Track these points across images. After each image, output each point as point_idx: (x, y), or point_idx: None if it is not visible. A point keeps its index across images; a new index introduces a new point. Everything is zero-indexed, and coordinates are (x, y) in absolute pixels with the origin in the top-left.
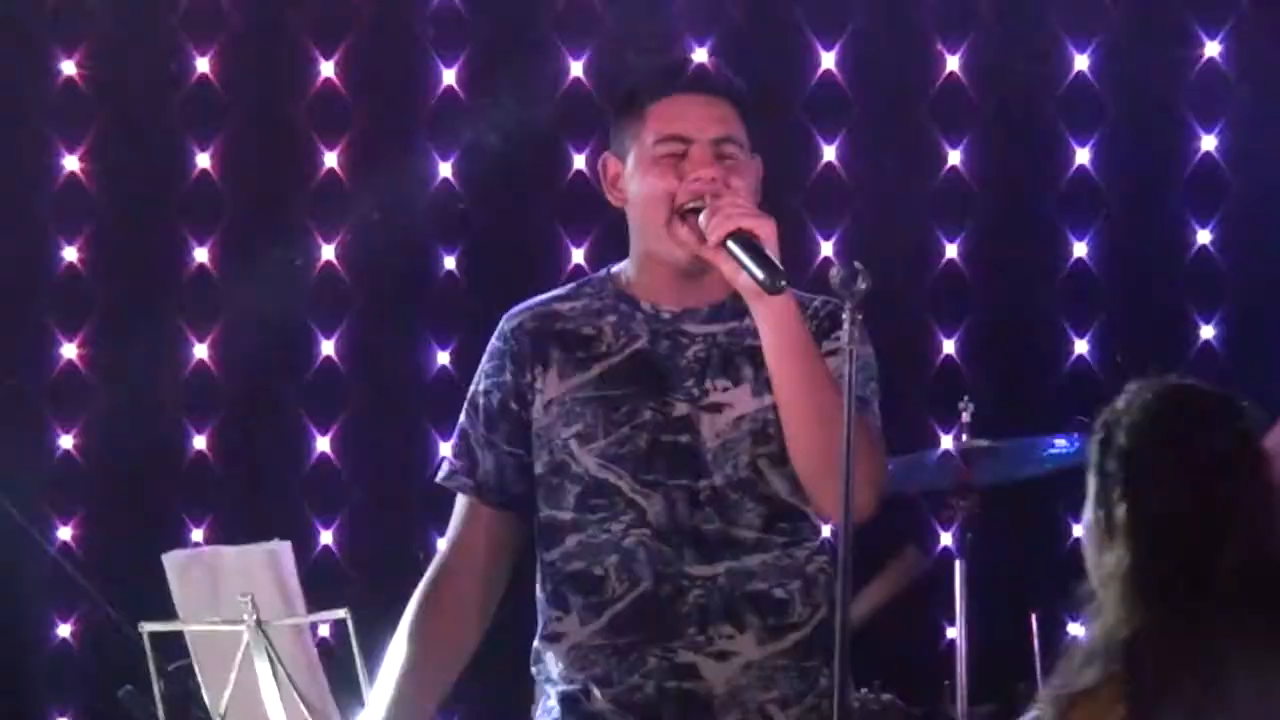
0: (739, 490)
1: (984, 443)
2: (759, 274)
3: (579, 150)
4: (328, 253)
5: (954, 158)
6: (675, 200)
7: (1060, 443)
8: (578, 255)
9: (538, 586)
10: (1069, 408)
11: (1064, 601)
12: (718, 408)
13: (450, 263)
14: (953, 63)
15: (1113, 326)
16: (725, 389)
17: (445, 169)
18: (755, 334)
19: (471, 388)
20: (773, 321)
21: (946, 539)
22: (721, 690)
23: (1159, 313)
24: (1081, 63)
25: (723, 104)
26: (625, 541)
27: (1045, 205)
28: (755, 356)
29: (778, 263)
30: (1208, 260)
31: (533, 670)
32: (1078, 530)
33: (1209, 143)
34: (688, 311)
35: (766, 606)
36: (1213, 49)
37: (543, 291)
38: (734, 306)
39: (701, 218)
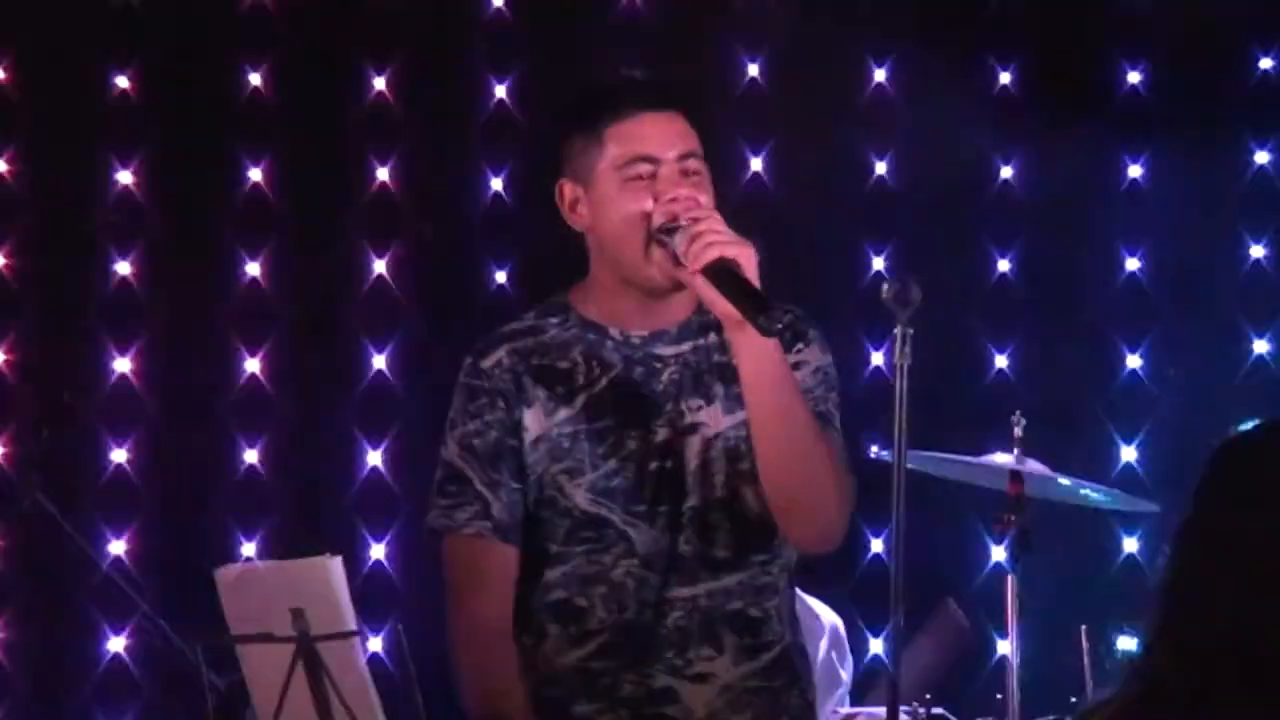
0: (717, 510)
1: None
2: (755, 317)
3: None
4: (379, 267)
5: (1006, 172)
6: (652, 222)
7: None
8: None
9: None
10: (1122, 421)
11: (1115, 616)
12: (694, 428)
13: (502, 277)
14: (1004, 77)
15: (1166, 341)
16: (699, 408)
17: (496, 183)
18: (721, 349)
19: (454, 430)
20: (752, 353)
21: (999, 553)
22: (700, 715)
23: (1212, 327)
24: (1134, 77)
25: (678, 118)
26: (614, 573)
27: (1097, 219)
28: (724, 373)
29: (763, 295)
30: (1261, 274)
31: None
32: (1130, 545)
33: (1262, 157)
34: (656, 334)
35: (743, 626)
36: (1266, 63)
37: None
38: (699, 322)
39: (678, 240)
